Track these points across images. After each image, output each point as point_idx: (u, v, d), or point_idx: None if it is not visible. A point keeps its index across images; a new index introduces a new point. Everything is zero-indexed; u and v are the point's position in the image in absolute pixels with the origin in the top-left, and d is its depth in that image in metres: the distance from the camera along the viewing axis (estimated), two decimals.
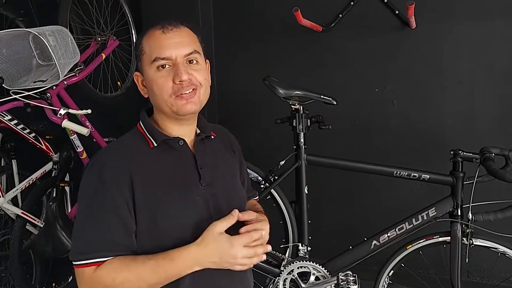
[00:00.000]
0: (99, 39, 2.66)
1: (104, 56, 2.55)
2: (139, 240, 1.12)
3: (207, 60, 1.24)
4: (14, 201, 2.45)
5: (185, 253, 1.07)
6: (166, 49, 1.13)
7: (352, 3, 2.36)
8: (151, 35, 1.16)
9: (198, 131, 1.26)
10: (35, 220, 2.40)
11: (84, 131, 1.96)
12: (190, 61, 1.16)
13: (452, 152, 1.74)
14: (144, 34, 1.18)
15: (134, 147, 1.16)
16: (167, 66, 1.13)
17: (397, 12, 2.29)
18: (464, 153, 1.72)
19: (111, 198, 1.09)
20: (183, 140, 1.20)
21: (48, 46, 1.96)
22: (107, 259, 1.08)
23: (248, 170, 1.96)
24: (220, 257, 1.06)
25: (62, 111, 1.94)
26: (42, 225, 2.39)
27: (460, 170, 1.73)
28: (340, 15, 2.39)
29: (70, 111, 1.98)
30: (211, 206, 1.18)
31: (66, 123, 1.95)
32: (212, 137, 1.28)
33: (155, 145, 1.17)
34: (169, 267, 1.06)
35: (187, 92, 1.14)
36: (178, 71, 1.12)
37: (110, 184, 1.09)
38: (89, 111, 1.95)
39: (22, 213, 2.33)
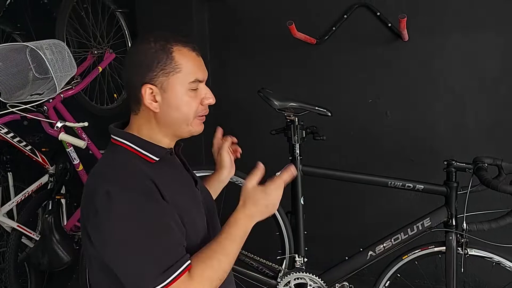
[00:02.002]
0: (95, 52, 2.68)
1: (100, 69, 2.57)
2: None
3: None
4: (9, 214, 2.44)
5: (240, 217, 1.15)
6: (203, 72, 1.17)
7: (345, 16, 2.40)
8: (187, 54, 1.14)
9: None
10: (31, 233, 2.39)
11: (81, 143, 1.97)
12: None
13: (445, 162, 1.76)
14: (171, 49, 1.12)
15: (136, 165, 1.11)
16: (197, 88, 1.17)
17: (389, 25, 2.32)
18: (457, 163, 1.73)
19: (161, 207, 1.07)
20: (172, 150, 1.23)
21: (45, 60, 1.98)
22: (189, 262, 1.05)
23: (243, 180, 1.98)
24: (267, 206, 1.18)
25: (59, 124, 1.95)
26: (37, 238, 2.38)
27: (453, 180, 1.75)
28: (334, 28, 2.42)
29: (67, 124, 1.99)
30: (205, 208, 1.25)
31: (63, 136, 1.96)
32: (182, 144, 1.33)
33: (157, 159, 1.15)
34: (240, 232, 1.14)
35: (204, 115, 1.20)
36: (209, 94, 1.18)
37: (150, 194, 1.06)
38: (86, 123, 1.96)
39: (17, 226, 2.32)
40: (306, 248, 1.93)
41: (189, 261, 1.05)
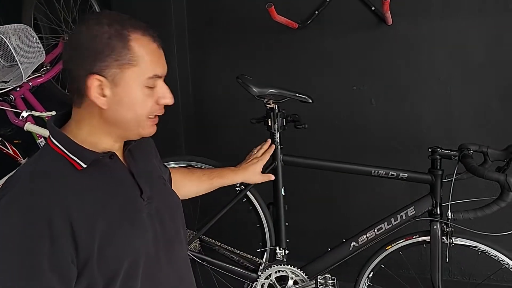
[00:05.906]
0: (67, 38, 2.57)
1: None
2: (86, 269, 0.93)
3: None
4: None
5: None
6: (163, 67, 1.01)
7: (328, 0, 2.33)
8: (146, 45, 0.98)
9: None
10: None
11: (47, 133, 1.88)
12: None
13: (430, 150, 1.71)
14: (128, 37, 0.95)
15: (58, 174, 0.95)
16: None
17: (373, 8, 2.26)
18: (442, 150, 1.68)
19: (48, 249, 0.86)
20: (114, 153, 1.03)
21: (10, 46, 1.88)
22: None
23: None
24: None
25: (25, 114, 1.87)
26: None
27: (438, 167, 1.70)
28: (316, 12, 2.35)
29: (34, 113, 1.89)
30: (156, 221, 1.07)
31: (29, 126, 1.87)
32: (134, 142, 1.12)
33: (84, 166, 0.97)
34: None
35: (158, 115, 1.05)
36: (167, 93, 1.02)
37: (42, 228, 0.86)
38: (54, 112, 1.87)
39: None
40: (287, 240, 1.88)
41: None
